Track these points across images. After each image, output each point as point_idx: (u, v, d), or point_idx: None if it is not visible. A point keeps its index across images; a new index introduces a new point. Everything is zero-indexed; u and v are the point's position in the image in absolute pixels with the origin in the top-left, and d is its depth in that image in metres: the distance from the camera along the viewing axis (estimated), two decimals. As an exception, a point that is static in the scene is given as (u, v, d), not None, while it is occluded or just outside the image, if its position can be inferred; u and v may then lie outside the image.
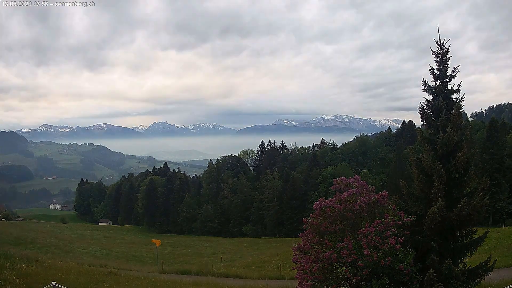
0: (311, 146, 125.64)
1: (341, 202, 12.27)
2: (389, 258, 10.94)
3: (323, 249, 11.95)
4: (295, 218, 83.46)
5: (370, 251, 10.86)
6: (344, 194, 12.40)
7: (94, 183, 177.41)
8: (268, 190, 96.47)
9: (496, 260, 12.58)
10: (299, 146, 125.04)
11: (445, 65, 12.57)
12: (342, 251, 11.26)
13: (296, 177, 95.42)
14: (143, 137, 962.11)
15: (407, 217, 11.77)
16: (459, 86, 12.56)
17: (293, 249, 13.11)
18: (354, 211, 12.08)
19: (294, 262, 13.16)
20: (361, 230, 11.40)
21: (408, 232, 11.82)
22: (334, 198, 12.71)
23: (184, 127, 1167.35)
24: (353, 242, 11.34)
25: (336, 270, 11.77)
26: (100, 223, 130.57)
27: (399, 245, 11.12)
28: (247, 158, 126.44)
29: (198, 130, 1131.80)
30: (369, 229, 11.27)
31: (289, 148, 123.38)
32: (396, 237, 11.19)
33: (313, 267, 11.77)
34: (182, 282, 20.71)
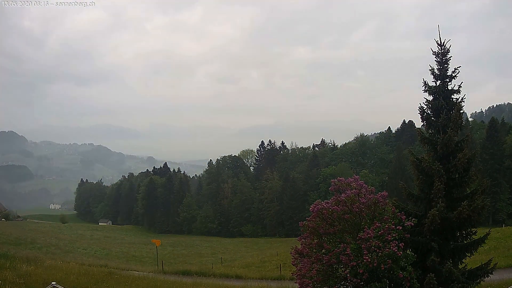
0: (311, 146, 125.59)
1: (339, 204, 12.19)
2: (390, 260, 10.89)
3: (322, 251, 11.90)
4: (295, 218, 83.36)
5: (370, 257, 10.76)
6: (343, 195, 12.30)
7: (94, 183, 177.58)
8: (268, 190, 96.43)
9: (497, 263, 12.56)
10: (299, 146, 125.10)
11: (445, 65, 12.56)
12: (341, 256, 11.19)
13: (296, 177, 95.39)
14: (143, 137, 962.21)
15: (407, 220, 11.71)
16: (459, 86, 12.55)
17: (292, 253, 13.05)
18: (353, 212, 12.01)
19: (293, 265, 13.13)
20: (360, 235, 11.29)
21: (409, 234, 11.78)
22: (331, 200, 12.63)
23: (184, 127, 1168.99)
24: (352, 245, 11.26)
25: (336, 271, 11.73)
26: (100, 223, 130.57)
27: (401, 252, 11.03)
28: (247, 158, 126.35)
29: (198, 130, 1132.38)
30: (369, 232, 11.17)
31: (289, 148, 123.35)
32: (397, 242, 11.10)
33: (312, 270, 11.72)
34: (182, 282, 20.68)
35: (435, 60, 12.70)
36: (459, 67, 12.54)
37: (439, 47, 12.62)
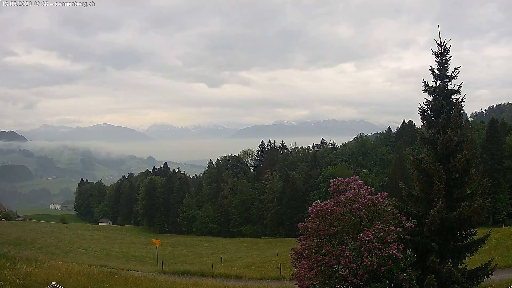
0: (311, 146, 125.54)
1: (338, 205, 12.16)
2: (389, 261, 10.87)
3: (322, 252, 11.88)
4: (295, 218, 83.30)
5: (369, 260, 10.74)
6: (342, 196, 12.27)
7: (94, 183, 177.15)
8: (268, 190, 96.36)
9: (497, 264, 12.55)
10: (299, 146, 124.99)
11: (445, 65, 12.55)
12: (340, 257, 11.17)
13: (296, 177, 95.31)
14: (143, 137, 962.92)
15: (407, 221, 11.69)
16: (459, 86, 12.54)
17: (291, 255, 13.03)
18: (353, 213, 11.99)
19: (293, 266, 13.11)
20: (360, 237, 11.28)
21: (408, 235, 11.76)
22: (330, 201, 12.60)
23: (184, 127, 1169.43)
24: (351, 246, 11.24)
25: (335, 271, 11.72)
26: (100, 223, 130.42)
27: (401, 254, 11.02)
28: (247, 158, 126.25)
29: (198, 130, 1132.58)
30: (369, 234, 11.15)
31: (289, 148, 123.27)
32: (397, 244, 11.06)
33: (311, 271, 11.70)
34: (182, 283, 20.63)
35: (435, 60, 12.69)
36: (459, 67, 12.55)
37: (439, 47, 12.62)
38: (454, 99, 12.50)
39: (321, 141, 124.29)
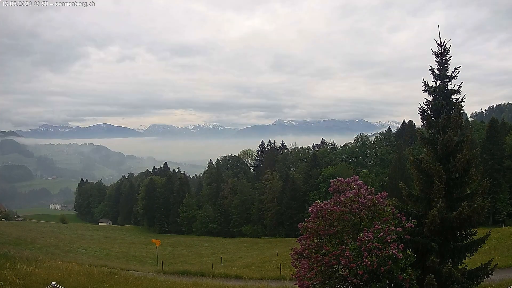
0: (311, 146, 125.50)
1: (338, 204, 12.17)
2: (389, 261, 10.87)
3: (322, 252, 11.88)
4: (295, 218, 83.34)
5: (369, 260, 10.75)
6: (342, 196, 12.28)
7: (94, 183, 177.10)
8: (268, 190, 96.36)
9: (497, 264, 12.55)
10: (299, 146, 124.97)
11: (445, 65, 12.56)
12: (340, 257, 11.17)
13: (296, 177, 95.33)
14: (143, 137, 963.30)
15: (407, 221, 11.69)
16: (459, 86, 12.55)
17: (291, 255, 13.03)
18: (353, 213, 11.99)
19: (293, 266, 13.11)
20: (359, 237, 11.28)
21: (408, 235, 11.76)
22: (330, 201, 12.61)
23: (184, 127, 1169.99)
24: (351, 246, 11.24)
25: (335, 271, 11.72)
26: (100, 223, 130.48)
27: (401, 254, 11.02)
28: (247, 158, 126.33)
29: (198, 130, 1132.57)
30: (369, 234, 11.15)
31: (289, 148, 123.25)
32: (397, 244, 11.06)
33: (311, 271, 11.70)
34: (182, 283, 20.64)
35: (435, 60, 12.69)
36: (459, 67, 12.56)
37: (439, 47, 12.62)
38: (454, 99, 12.51)
39: (321, 141, 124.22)
